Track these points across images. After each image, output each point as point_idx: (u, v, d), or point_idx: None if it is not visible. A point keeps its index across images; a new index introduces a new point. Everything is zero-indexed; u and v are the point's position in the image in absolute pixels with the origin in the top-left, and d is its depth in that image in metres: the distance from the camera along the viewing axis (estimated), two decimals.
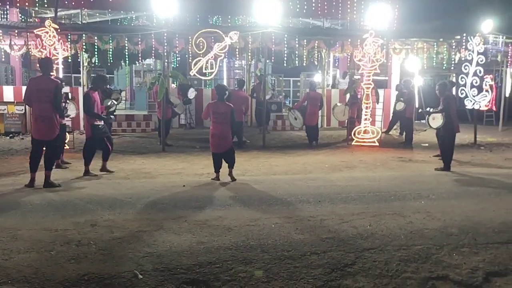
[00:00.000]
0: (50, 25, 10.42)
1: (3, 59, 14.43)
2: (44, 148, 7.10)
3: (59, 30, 10.57)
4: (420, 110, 9.44)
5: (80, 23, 13.86)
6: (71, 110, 9.40)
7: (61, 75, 13.58)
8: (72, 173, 8.39)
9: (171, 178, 8.08)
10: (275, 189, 7.05)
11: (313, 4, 14.98)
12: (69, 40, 11.28)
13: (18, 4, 14.32)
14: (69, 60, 13.71)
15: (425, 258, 4.37)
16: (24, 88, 9.38)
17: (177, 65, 14.95)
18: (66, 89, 11.58)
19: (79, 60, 14.63)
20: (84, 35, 11.41)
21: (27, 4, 14.42)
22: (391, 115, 14.49)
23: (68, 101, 8.35)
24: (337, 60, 16.93)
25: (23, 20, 15.21)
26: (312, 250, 4.49)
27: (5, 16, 15.56)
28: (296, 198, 6.49)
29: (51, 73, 7.24)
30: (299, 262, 4.23)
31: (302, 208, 5.98)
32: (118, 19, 18.30)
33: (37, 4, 14.02)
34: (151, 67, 21.97)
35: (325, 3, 14.90)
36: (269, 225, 5.23)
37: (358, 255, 4.38)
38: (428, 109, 9.17)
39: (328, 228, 5.14)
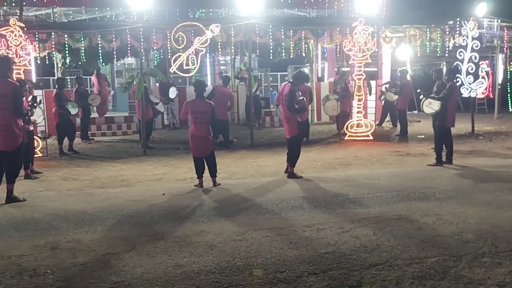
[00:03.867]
0: (15, 23, 9.59)
1: None
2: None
3: (25, 29, 9.74)
4: (418, 90, 8.79)
5: (51, 21, 12.98)
6: (37, 115, 8.61)
7: (34, 78, 12.79)
8: (41, 184, 7.64)
9: (151, 186, 7.36)
10: (264, 194, 6.37)
11: None
12: (36, 39, 10.44)
13: None
14: (39, 62, 12.89)
15: (442, 273, 3.72)
16: None
17: (158, 63, 14.17)
18: (37, 93, 10.84)
19: (54, 62, 13.82)
20: (53, 33, 10.57)
21: None
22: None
23: (35, 105, 7.53)
24: (325, 52, 16.24)
25: None
26: (309, 269, 3.81)
27: None
28: (289, 204, 5.81)
29: (10, 75, 6.44)
30: (295, 285, 3.55)
31: (295, 216, 5.29)
32: (97, 18, 17.38)
33: (5, 3, 13.12)
34: (133, 66, 21.09)
35: None
36: (259, 238, 4.55)
37: (363, 274, 3.72)
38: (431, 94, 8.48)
39: (326, 240, 4.47)
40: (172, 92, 12.64)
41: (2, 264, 4.09)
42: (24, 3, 12.77)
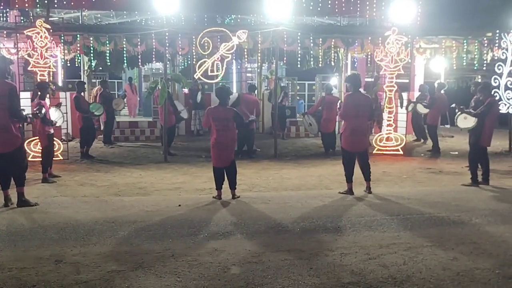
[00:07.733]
0: (41, 25, 9.54)
1: None
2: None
3: (51, 31, 9.68)
4: (453, 105, 8.24)
5: (80, 23, 12.96)
6: (57, 118, 8.47)
7: (60, 81, 12.78)
8: (58, 189, 7.47)
9: (168, 195, 7.08)
10: (285, 210, 5.99)
11: (329, 1, 13.85)
12: (62, 41, 10.38)
13: (16, 5, 13.51)
14: (68, 64, 12.89)
15: None
16: (22, 94, 8.52)
17: (183, 68, 13.97)
18: (61, 95, 10.78)
19: (77, 65, 13.81)
20: (78, 35, 10.49)
21: (26, 5, 13.59)
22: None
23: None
24: (355, 61, 15.74)
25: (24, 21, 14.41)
26: None
27: (5, 18, 14.79)
28: (311, 223, 5.42)
29: (6, 76, 6.24)
30: None
31: (318, 237, 4.89)
32: (125, 22, 17.40)
33: (38, 5, 13.18)
34: (160, 71, 21.10)
35: (343, 0, 13.76)
36: (276, 262, 4.17)
37: None
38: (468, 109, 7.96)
39: (350, 267, 4.05)
40: (198, 95, 12.45)
41: (2, 277, 3.84)
42: (55, 6, 12.81)
